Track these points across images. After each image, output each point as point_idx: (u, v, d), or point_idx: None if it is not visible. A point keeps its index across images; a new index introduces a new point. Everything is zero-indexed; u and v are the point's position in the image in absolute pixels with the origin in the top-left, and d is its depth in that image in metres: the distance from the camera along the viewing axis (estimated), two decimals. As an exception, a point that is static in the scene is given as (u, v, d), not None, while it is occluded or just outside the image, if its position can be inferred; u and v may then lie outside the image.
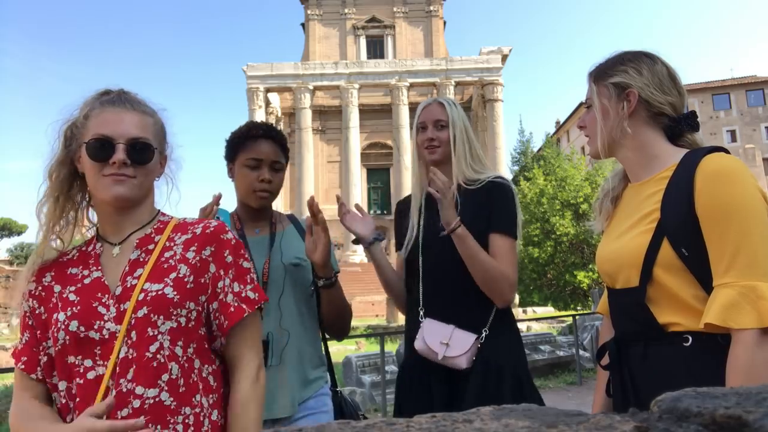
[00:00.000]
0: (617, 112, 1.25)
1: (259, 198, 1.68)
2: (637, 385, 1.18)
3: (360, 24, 32.92)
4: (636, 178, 1.28)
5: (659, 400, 0.39)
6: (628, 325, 1.22)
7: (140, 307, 1.02)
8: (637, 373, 1.19)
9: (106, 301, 1.03)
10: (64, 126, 1.09)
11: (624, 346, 1.24)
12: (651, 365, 1.15)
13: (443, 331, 1.62)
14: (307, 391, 1.63)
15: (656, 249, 1.13)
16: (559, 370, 8.48)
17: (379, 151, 31.50)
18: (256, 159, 1.67)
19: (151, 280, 1.05)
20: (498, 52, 28.65)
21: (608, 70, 1.28)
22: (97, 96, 1.12)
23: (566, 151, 28.44)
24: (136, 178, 1.07)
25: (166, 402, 1.00)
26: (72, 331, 1.00)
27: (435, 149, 1.77)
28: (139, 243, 1.10)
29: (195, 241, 1.11)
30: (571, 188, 20.90)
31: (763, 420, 0.33)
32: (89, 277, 1.06)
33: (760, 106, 35.37)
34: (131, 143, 1.06)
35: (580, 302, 20.62)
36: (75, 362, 1.01)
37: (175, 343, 1.03)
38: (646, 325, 1.16)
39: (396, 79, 27.69)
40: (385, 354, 6.53)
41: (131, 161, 1.06)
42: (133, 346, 1.00)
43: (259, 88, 27.37)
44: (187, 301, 1.05)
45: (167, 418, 0.99)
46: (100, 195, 1.07)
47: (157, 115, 1.16)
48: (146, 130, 1.10)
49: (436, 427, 0.38)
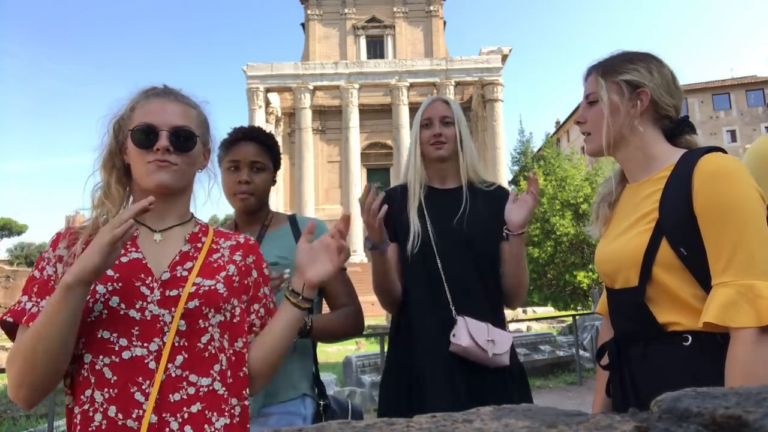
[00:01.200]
0: (628, 110, 1.23)
1: (240, 200, 1.69)
2: (637, 385, 1.18)
3: (360, 24, 32.92)
4: (634, 178, 1.28)
5: (659, 400, 0.39)
6: (627, 325, 1.22)
7: (191, 299, 1.05)
8: (637, 373, 1.19)
9: (150, 283, 1.05)
10: (112, 120, 1.14)
11: (624, 346, 1.24)
12: (651, 365, 1.15)
13: (484, 328, 1.61)
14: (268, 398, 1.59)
15: (655, 248, 1.13)
16: (559, 370, 8.48)
17: (379, 151, 31.49)
18: (234, 161, 1.70)
19: (203, 275, 1.09)
20: (498, 52, 28.64)
21: (618, 67, 1.26)
22: (144, 90, 1.17)
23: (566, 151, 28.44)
24: (179, 166, 1.10)
25: (219, 391, 1.04)
26: (112, 306, 1.01)
27: (442, 145, 1.76)
28: (191, 238, 1.15)
29: (240, 248, 1.19)
30: (571, 188, 20.89)
31: (763, 420, 0.33)
32: (126, 256, 1.07)
33: (760, 106, 35.35)
34: (174, 131, 1.10)
35: (580, 302, 20.61)
36: (110, 338, 1.00)
37: (223, 335, 1.08)
38: (645, 325, 1.16)
39: (396, 79, 27.69)
40: (386, 354, 6.51)
41: (174, 148, 1.09)
42: (183, 335, 1.03)
43: (259, 88, 27.36)
44: (233, 297, 1.11)
45: (222, 406, 1.03)
46: (144, 181, 1.10)
47: (201, 107, 1.20)
48: (189, 120, 1.14)
49: (436, 427, 0.38)
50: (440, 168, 1.81)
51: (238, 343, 1.11)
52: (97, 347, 1.00)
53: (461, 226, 1.71)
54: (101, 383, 0.98)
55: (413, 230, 1.71)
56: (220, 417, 1.02)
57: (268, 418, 1.59)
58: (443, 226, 1.70)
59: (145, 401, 0.97)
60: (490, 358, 1.58)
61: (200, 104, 1.21)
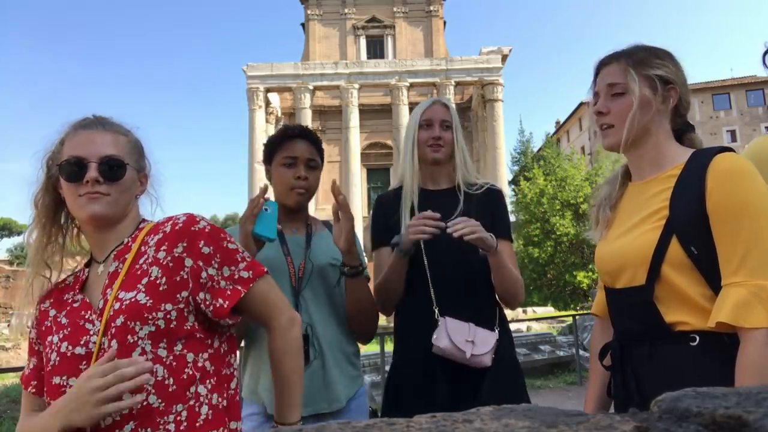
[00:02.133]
0: (658, 105, 1.21)
1: (297, 195, 1.73)
2: (642, 386, 1.16)
3: (360, 24, 32.91)
4: (641, 176, 1.27)
5: (659, 400, 0.39)
6: (631, 324, 1.20)
7: (117, 316, 1.03)
8: (642, 373, 1.17)
9: (89, 316, 1.06)
10: (45, 156, 1.14)
11: (627, 347, 1.22)
12: (657, 365, 1.14)
13: (465, 329, 1.61)
14: (351, 388, 1.68)
15: (665, 246, 1.12)
16: (559, 370, 8.48)
17: (379, 151, 31.48)
18: (292, 157, 1.73)
19: (125, 288, 1.06)
20: (498, 52, 28.63)
21: (649, 61, 1.22)
22: (73, 123, 1.16)
23: (566, 151, 28.43)
24: (111, 195, 1.10)
25: (154, 404, 1.00)
26: (62, 351, 1.03)
27: (440, 148, 1.76)
28: (117, 255, 1.12)
29: (165, 240, 1.10)
30: (571, 188, 20.91)
31: (763, 420, 0.33)
32: (77, 300, 1.11)
33: (760, 106, 35.35)
34: (103, 161, 1.09)
35: (580, 302, 20.61)
36: (60, 383, 1.03)
37: (157, 345, 1.03)
38: (651, 325, 1.14)
39: (396, 79, 27.68)
40: (385, 354, 6.52)
41: (104, 178, 1.09)
42: (117, 355, 1.00)
43: (259, 88, 27.36)
44: (162, 304, 1.05)
45: (156, 420, 1.00)
46: (78, 215, 1.11)
47: (132, 134, 1.19)
48: (119, 148, 1.13)
49: (436, 427, 0.38)
50: (434, 170, 1.81)
51: (178, 346, 1.06)
52: (54, 392, 1.03)
53: None
54: None
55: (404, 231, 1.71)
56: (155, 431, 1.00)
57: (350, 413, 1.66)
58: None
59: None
60: (468, 359, 1.57)
61: (131, 130, 1.20)
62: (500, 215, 1.78)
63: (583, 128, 40.08)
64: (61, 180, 1.11)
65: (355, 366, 1.73)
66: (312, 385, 1.60)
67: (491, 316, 1.70)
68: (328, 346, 1.65)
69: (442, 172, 1.81)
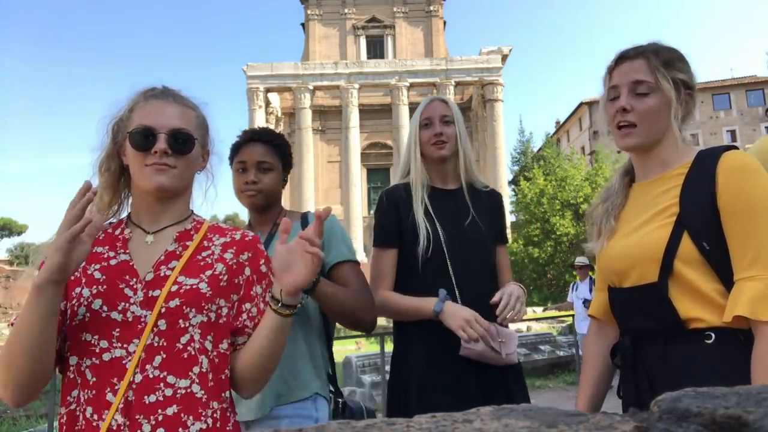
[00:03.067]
0: (678, 109, 1.20)
1: (247, 197, 1.73)
2: (655, 386, 1.14)
3: (360, 24, 32.90)
4: (647, 176, 1.26)
5: (659, 400, 0.39)
6: (643, 323, 1.19)
7: (172, 298, 1.04)
8: (654, 372, 1.15)
9: (134, 284, 1.05)
10: (111, 122, 1.14)
11: (638, 346, 1.20)
12: (671, 364, 1.13)
13: (492, 330, 1.59)
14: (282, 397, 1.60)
15: (676, 243, 1.11)
16: (559, 370, 8.48)
17: (379, 151, 31.48)
18: (241, 162, 1.74)
19: (186, 273, 1.07)
20: (498, 52, 28.63)
21: (673, 63, 1.21)
22: (142, 92, 1.16)
23: (566, 151, 28.43)
24: (177, 168, 1.10)
25: (198, 394, 1.02)
26: (94, 309, 1.02)
27: (443, 144, 1.74)
28: (179, 237, 1.13)
29: (234, 244, 1.15)
30: (571, 188, 20.91)
31: (763, 420, 0.33)
32: (115, 258, 1.08)
33: (760, 106, 35.33)
34: (172, 133, 1.09)
35: (580, 302, 20.60)
36: (91, 341, 1.01)
37: (205, 337, 1.05)
38: (664, 323, 1.13)
39: (396, 79, 27.68)
40: (385, 354, 6.52)
41: (172, 151, 1.09)
42: (162, 335, 1.02)
43: (259, 88, 27.36)
44: (218, 298, 1.09)
45: (199, 410, 1.01)
46: (143, 184, 1.10)
47: (199, 109, 1.19)
48: (187, 122, 1.14)
49: (436, 426, 0.38)
50: (441, 168, 1.79)
51: (223, 344, 1.09)
52: (81, 349, 1.02)
53: (470, 228, 1.71)
54: (84, 384, 1.00)
55: (423, 233, 1.68)
56: (196, 421, 1.00)
57: (278, 421, 1.58)
58: (452, 228, 1.69)
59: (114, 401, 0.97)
60: (504, 358, 1.59)
61: (199, 105, 1.20)
62: (502, 220, 1.81)
63: (583, 128, 40.07)
64: (128, 147, 1.10)
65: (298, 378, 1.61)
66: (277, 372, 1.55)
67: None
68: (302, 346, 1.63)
69: (449, 170, 1.80)
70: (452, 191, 1.79)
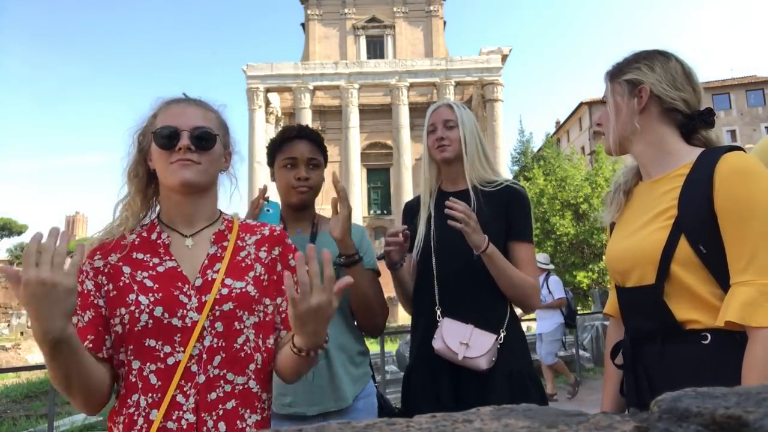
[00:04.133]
0: (629, 108, 1.26)
1: (299, 194, 1.76)
2: (654, 385, 1.16)
3: (360, 24, 32.91)
4: (648, 175, 1.28)
5: (659, 400, 0.39)
6: (642, 323, 1.21)
7: (225, 302, 1.09)
8: (654, 372, 1.17)
9: (187, 291, 1.09)
10: (137, 131, 1.20)
11: (638, 345, 1.22)
12: (668, 364, 1.14)
13: (462, 330, 1.61)
14: (358, 385, 1.70)
15: (674, 245, 1.12)
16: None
17: (379, 151, 31.48)
18: (292, 158, 1.76)
19: (231, 276, 1.12)
20: (498, 52, 28.63)
21: (623, 68, 1.30)
22: (165, 99, 1.23)
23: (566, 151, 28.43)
24: (202, 164, 1.14)
25: (254, 389, 1.10)
26: (156, 316, 1.05)
27: (445, 147, 1.78)
28: (216, 239, 1.18)
29: (265, 241, 1.20)
30: (571, 188, 20.90)
31: (763, 420, 0.33)
32: (162, 265, 1.12)
33: (760, 106, 35.36)
34: (195, 131, 1.14)
35: (579, 302, 20.60)
36: (156, 347, 1.05)
37: (258, 335, 1.13)
38: (662, 323, 1.15)
39: (396, 79, 27.67)
40: (385, 354, 6.52)
41: (196, 147, 1.14)
42: (220, 337, 1.07)
43: (259, 88, 27.36)
44: (264, 298, 1.15)
45: (255, 403, 1.09)
46: (169, 181, 1.14)
47: (219, 111, 1.24)
48: (209, 121, 1.18)
49: (436, 427, 0.38)
50: (450, 170, 1.83)
51: (270, 340, 1.16)
52: (144, 354, 1.05)
53: None
54: (147, 388, 1.03)
55: (418, 236, 1.77)
56: (253, 414, 1.08)
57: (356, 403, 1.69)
58: (444, 229, 1.69)
59: (186, 402, 1.02)
60: (460, 360, 1.58)
61: (219, 108, 1.25)
62: (519, 216, 1.74)
63: (583, 128, 40.07)
64: (153, 149, 1.15)
65: (361, 365, 1.75)
66: (318, 383, 1.62)
67: (495, 318, 1.67)
68: (334, 345, 1.65)
69: (459, 172, 1.81)
70: (459, 192, 1.80)
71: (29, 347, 13.50)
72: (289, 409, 1.60)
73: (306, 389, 1.61)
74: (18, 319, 16.55)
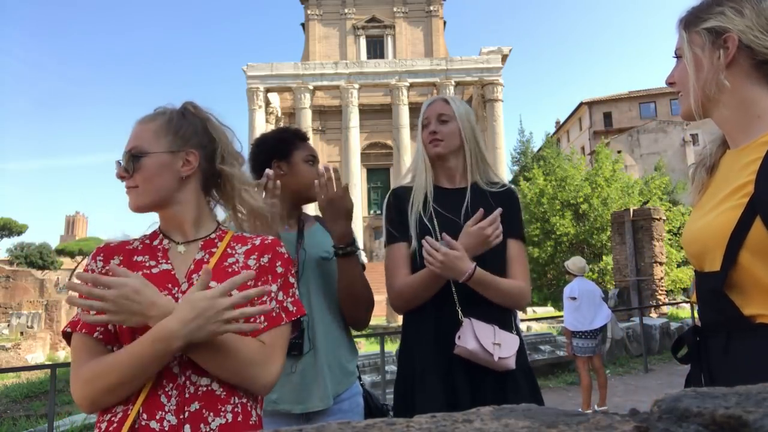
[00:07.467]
0: (712, 62, 1.04)
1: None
2: (716, 381, 1.03)
3: (360, 24, 32.93)
4: (735, 143, 1.08)
5: (659, 400, 0.39)
6: (708, 314, 1.07)
7: None
8: (716, 367, 1.04)
9: (176, 293, 1.11)
10: None
11: (704, 338, 1.09)
12: (733, 360, 1.00)
13: (490, 331, 1.58)
14: (342, 384, 1.70)
15: (746, 228, 0.95)
16: (559, 370, 8.47)
17: (379, 151, 31.50)
18: (314, 156, 1.86)
19: (216, 280, 1.11)
20: (498, 52, 28.65)
21: (702, 14, 1.07)
22: None
23: (566, 151, 28.43)
24: (139, 186, 1.15)
25: (217, 392, 1.06)
26: None
27: (438, 142, 1.74)
28: (204, 245, 1.20)
29: (255, 250, 1.20)
30: (571, 188, 20.90)
31: (763, 420, 0.33)
32: (157, 267, 1.15)
33: None
34: (125, 157, 1.16)
35: (580, 302, 20.59)
36: None
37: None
38: (727, 316, 1.00)
39: (396, 79, 27.68)
40: (385, 354, 6.52)
41: (127, 171, 1.15)
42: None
43: (259, 88, 27.37)
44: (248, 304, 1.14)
45: (218, 407, 1.06)
46: None
47: (167, 113, 1.20)
48: (140, 138, 1.16)
49: (436, 427, 0.38)
50: (445, 167, 1.78)
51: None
52: None
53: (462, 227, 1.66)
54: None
55: (416, 232, 1.68)
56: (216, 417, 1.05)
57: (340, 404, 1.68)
58: (450, 226, 1.67)
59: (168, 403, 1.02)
60: (496, 362, 1.55)
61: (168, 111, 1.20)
62: (515, 215, 1.75)
63: (583, 128, 40.07)
64: None
65: (348, 363, 1.75)
66: (303, 381, 1.62)
67: (508, 319, 1.67)
68: (322, 341, 1.67)
69: (457, 169, 1.78)
70: (457, 190, 1.77)
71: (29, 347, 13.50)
72: (274, 406, 1.61)
73: (292, 387, 1.62)
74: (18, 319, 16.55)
